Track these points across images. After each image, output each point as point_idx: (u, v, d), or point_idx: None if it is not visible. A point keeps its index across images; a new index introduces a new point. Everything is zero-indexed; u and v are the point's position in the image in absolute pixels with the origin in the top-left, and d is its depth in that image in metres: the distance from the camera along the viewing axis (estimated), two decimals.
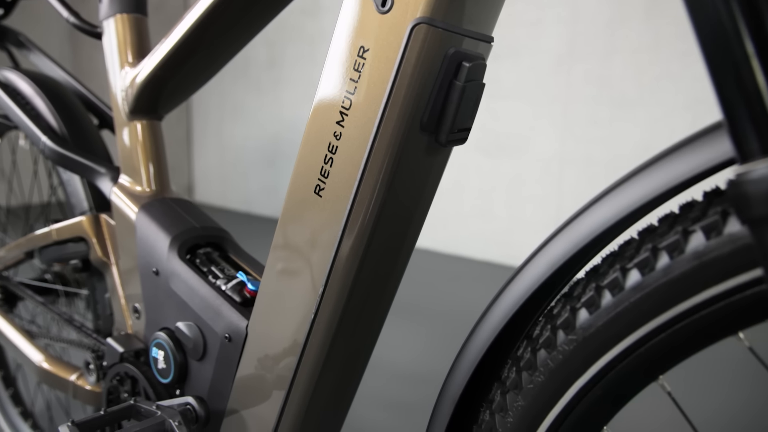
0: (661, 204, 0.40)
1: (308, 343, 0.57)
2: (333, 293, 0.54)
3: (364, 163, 0.50)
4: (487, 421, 0.48)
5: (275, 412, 0.61)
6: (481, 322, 0.49)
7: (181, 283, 0.69)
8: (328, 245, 0.53)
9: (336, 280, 0.54)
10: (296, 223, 0.55)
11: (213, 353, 0.66)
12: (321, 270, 0.54)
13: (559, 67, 2.56)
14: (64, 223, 0.85)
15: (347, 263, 0.53)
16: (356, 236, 0.52)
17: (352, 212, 0.52)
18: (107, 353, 0.77)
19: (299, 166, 0.54)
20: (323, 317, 0.55)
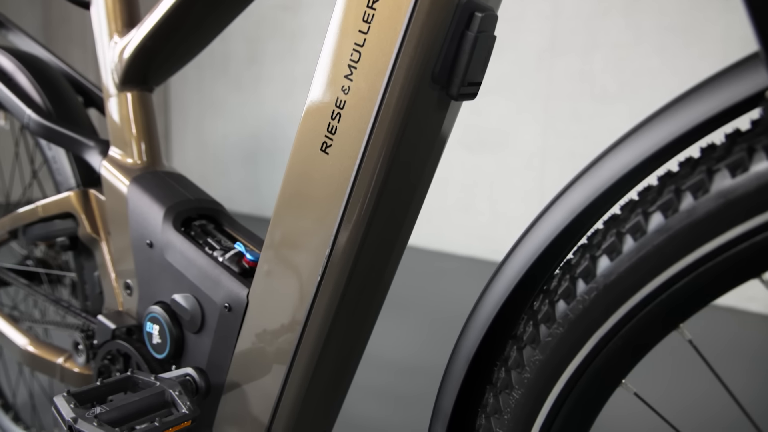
0: (690, 144, 0.40)
1: (314, 306, 0.55)
2: (340, 254, 0.53)
3: (374, 117, 0.49)
4: (503, 378, 0.47)
5: (278, 384, 0.59)
6: (497, 277, 0.48)
7: (177, 254, 0.67)
8: (335, 204, 0.52)
9: (343, 240, 0.52)
10: (301, 182, 0.54)
11: (211, 324, 0.64)
12: (327, 230, 0.53)
13: (541, 63, 2.58)
14: (50, 199, 0.82)
15: (355, 223, 0.52)
16: (364, 194, 0.51)
17: (360, 169, 0.50)
18: (98, 331, 0.74)
19: (304, 124, 0.53)
20: (330, 278, 0.54)
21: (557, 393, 0.45)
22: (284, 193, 0.55)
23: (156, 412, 0.56)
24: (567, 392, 0.45)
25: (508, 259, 0.48)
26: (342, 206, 0.51)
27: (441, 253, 2.90)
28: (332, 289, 0.54)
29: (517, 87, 2.64)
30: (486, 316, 0.48)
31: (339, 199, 0.52)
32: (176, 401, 0.56)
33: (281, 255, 0.56)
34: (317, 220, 0.53)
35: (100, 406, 0.53)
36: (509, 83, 2.64)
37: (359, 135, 0.50)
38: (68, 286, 1.06)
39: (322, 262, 0.54)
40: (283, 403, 0.59)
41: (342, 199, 0.51)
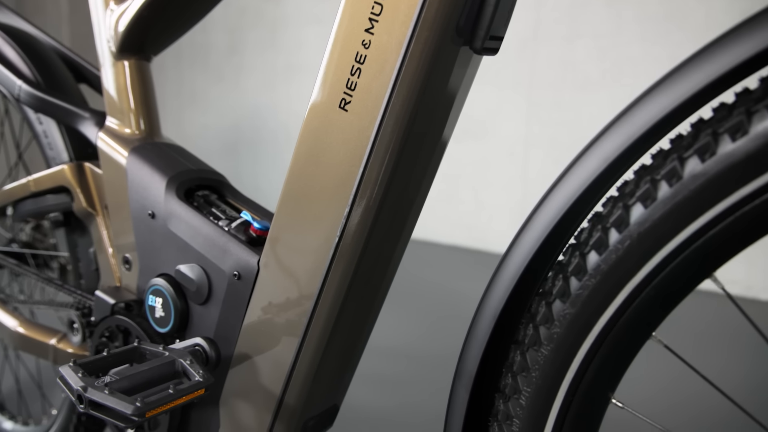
0: (720, 92, 0.40)
1: (330, 270, 0.53)
2: (359, 214, 0.52)
3: (397, 72, 0.48)
4: (531, 335, 0.47)
5: (290, 354, 0.58)
6: (522, 234, 0.48)
7: (181, 224, 0.65)
8: (355, 163, 0.51)
9: (363, 200, 0.51)
10: (318, 141, 0.52)
11: (219, 294, 0.62)
12: (346, 190, 0.51)
13: (524, 51, 2.59)
14: (43, 172, 0.79)
15: (375, 181, 0.50)
16: (385, 151, 0.50)
17: (382, 126, 0.49)
18: (96, 308, 0.71)
19: (321, 81, 0.51)
20: (348, 240, 0.52)
21: (588, 347, 0.44)
22: (299, 154, 0.54)
23: (167, 382, 0.54)
24: (597, 346, 0.44)
25: (532, 217, 0.47)
26: (362, 164, 0.50)
27: (424, 242, 2.90)
28: (350, 252, 0.53)
29: (500, 75, 2.65)
30: (512, 273, 0.48)
31: (358, 158, 0.50)
32: (188, 370, 0.54)
33: (296, 218, 0.55)
34: (335, 180, 0.52)
35: (109, 376, 0.51)
36: (492, 71, 2.65)
37: (381, 90, 0.48)
38: (56, 269, 1.02)
39: (340, 224, 0.52)
40: (296, 374, 0.58)
41: (362, 157, 0.50)
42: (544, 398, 0.46)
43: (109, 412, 0.47)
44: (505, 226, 2.74)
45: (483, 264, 2.62)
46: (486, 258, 2.72)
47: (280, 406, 0.59)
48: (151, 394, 0.51)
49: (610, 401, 0.47)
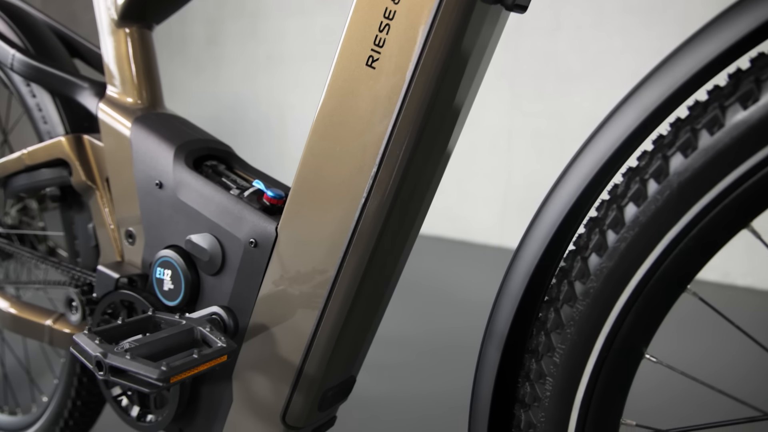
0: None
1: (356, 233, 0.52)
2: (386, 177, 0.50)
3: (429, 27, 0.47)
4: (566, 291, 0.46)
5: (311, 323, 0.56)
6: (555, 192, 0.47)
7: (192, 192, 0.63)
8: (383, 121, 0.49)
9: (391, 159, 0.50)
10: (343, 101, 0.51)
11: (233, 263, 0.60)
12: (373, 149, 0.50)
13: (506, 43, 2.60)
14: (38, 145, 0.75)
15: (403, 142, 0.49)
16: (416, 109, 0.49)
17: (412, 84, 0.48)
18: (98, 283, 0.69)
19: (347, 38, 0.50)
20: (376, 201, 0.51)
21: (624, 301, 0.44)
22: (323, 115, 0.52)
23: (187, 350, 0.52)
24: (633, 300, 0.44)
25: (567, 171, 0.47)
26: (391, 123, 0.49)
27: None
28: (376, 215, 0.51)
29: None
30: (546, 229, 0.47)
31: (387, 116, 0.49)
32: (208, 337, 0.52)
33: (318, 180, 0.53)
34: (362, 139, 0.51)
35: (127, 342, 0.49)
36: None
37: (410, 46, 0.47)
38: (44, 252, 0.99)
39: (366, 185, 0.51)
40: (317, 343, 0.57)
41: (390, 116, 0.49)
42: (579, 355, 0.46)
43: (131, 377, 0.46)
44: (489, 217, 2.76)
45: (467, 255, 2.63)
46: (470, 249, 2.73)
47: (299, 377, 0.58)
48: (174, 360, 0.49)
49: (643, 356, 0.46)
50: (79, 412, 0.87)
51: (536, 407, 0.49)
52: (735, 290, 2.26)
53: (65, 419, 0.87)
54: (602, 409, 0.47)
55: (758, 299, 2.17)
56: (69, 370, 0.84)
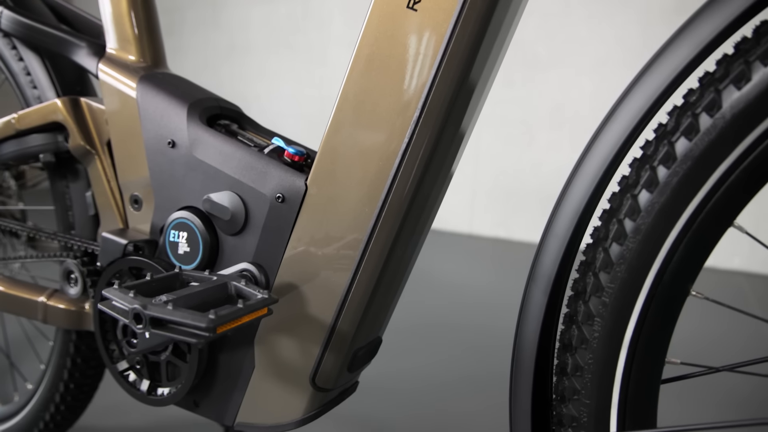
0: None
1: (396, 181, 0.51)
2: (429, 125, 0.49)
3: None
4: (615, 229, 0.46)
5: (345, 280, 0.54)
6: (604, 129, 0.47)
7: (210, 150, 0.60)
8: (426, 63, 0.48)
9: (435, 105, 0.49)
10: (382, 44, 0.50)
11: (257, 221, 0.58)
12: (414, 94, 0.49)
13: None
14: (30, 108, 0.71)
15: (448, 87, 0.48)
16: (462, 53, 0.48)
17: (458, 25, 0.47)
18: (103, 251, 0.65)
19: None
20: (417, 149, 0.50)
21: (674, 237, 0.45)
22: (358, 60, 0.51)
23: (223, 305, 0.50)
24: (683, 235, 0.44)
25: (614, 112, 0.47)
26: (435, 64, 0.48)
27: None
28: (417, 161, 0.50)
29: None
30: (595, 168, 0.47)
31: (431, 57, 0.48)
32: (244, 291, 0.50)
33: (354, 130, 0.52)
34: (403, 84, 0.49)
35: (165, 295, 0.46)
36: None
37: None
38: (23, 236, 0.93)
39: (406, 134, 0.50)
40: (351, 299, 0.55)
41: (435, 57, 0.48)
42: (629, 293, 0.46)
43: (174, 329, 0.43)
44: (458, 204, 2.78)
45: (434, 242, 2.64)
46: (438, 236, 2.74)
47: (330, 336, 0.56)
48: (219, 310, 0.46)
49: (689, 293, 0.47)
50: (71, 395, 0.82)
51: (583, 350, 0.49)
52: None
53: (56, 404, 0.83)
54: (649, 348, 0.47)
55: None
56: (61, 351, 0.80)
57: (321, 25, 2.99)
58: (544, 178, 2.58)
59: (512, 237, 2.71)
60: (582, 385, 0.49)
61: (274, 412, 0.61)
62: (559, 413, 0.51)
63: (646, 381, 0.48)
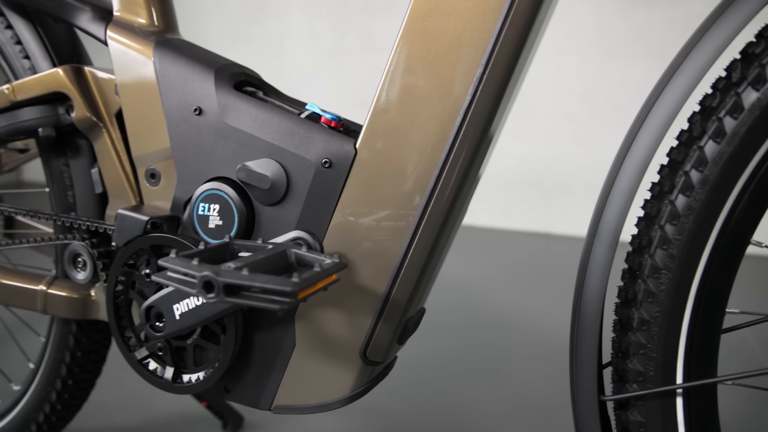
0: None
1: (455, 145, 0.49)
2: (494, 78, 0.48)
3: None
4: (683, 181, 0.47)
5: (400, 245, 0.52)
6: (671, 83, 0.47)
7: (244, 115, 0.57)
8: (489, 18, 0.47)
9: (499, 60, 0.48)
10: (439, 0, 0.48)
11: (300, 189, 0.55)
12: (478, 49, 0.48)
13: None
14: (28, 78, 0.65)
15: (515, 38, 0.47)
16: (527, 4, 0.47)
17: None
18: (118, 230, 0.60)
19: None
20: (477, 110, 0.49)
21: (740, 186, 0.45)
22: (414, 18, 0.49)
23: (285, 273, 0.47)
24: (749, 184, 0.45)
25: (683, 63, 0.47)
26: (500, 20, 0.47)
27: None
28: (475, 130, 0.49)
29: None
30: (662, 122, 0.47)
31: (494, 13, 0.47)
32: (306, 258, 0.47)
33: (410, 88, 0.50)
34: (464, 39, 0.48)
35: (232, 262, 0.43)
36: None
37: None
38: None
39: (471, 87, 0.48)
40: (407, 268, 0.53)
41: (499, 12, 0.47)
42: (696, 243, 0.47)
43: (252, 296, 0.40)
44: None
45: None
46: None
47: (385, 306, 0.54)
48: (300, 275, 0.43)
49: (750, 242, 0.48)
50: (69, 393, 0.76)
51: (649, 303, 0.49)
52: None
53: (52, 404, 0.76)
54: (713, 298, 0.48)
55: None
56: (58, 345, 0.73)
57: (278, 14, 2.93)
58: (505, 165, 2.62)
59: (476, 223, 2.75)
60: (648, 339, 0.49)
61: (317, 391, 0.58)
62: (622, 369, 0.51)
63: (710, 331, 0.49)
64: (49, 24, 0.70)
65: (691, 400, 0.49)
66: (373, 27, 2.67)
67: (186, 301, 0.56)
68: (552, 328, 1.55)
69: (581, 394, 0.52)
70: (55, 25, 0.71)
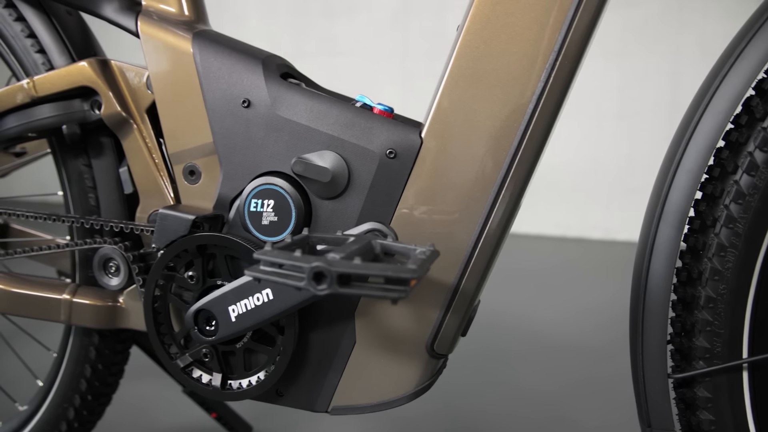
0: None
1: (531, 125, 0.50)
2: (566, 65, 0.48)
3: None
4: (748, 162, 0.48)
5: (471, 234, 0.52)
6: (733, 69, 0.49)
7: (299, 107, 0.55)
8: (564, 3, 0.48)
9: (573, 46, 0.48)
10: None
11: (363, 181, 0.54)
12: (550, 37, 0.48)
13: (396, 24, 2.65)
14: (51, 72, 0.60)
15: (587, 25, 0.48)
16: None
17: None
18: (160, 231, 0.57)
19: None
20: (552, 95, 0.49)
21: None
22: (482, 4, 0.49)
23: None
24: None
25: (737, 59, 0.49)
26: (574, 4, 0.48)
27: None
28: (552, 106, 0.49)
29: (374, 47, 2.68)
30: (727, 105, 0.49)
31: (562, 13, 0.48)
32: (394, 248, 0.46)
33: (479, 76, 0.50)
34: (536, 27, 0.48)
35: (331, 254, 0.41)
36: (365, 44, 2.67)
37: None
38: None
39: (543, 74, 0.49)
40: (477, 258, 0.52)
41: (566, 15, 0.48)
42: (762, 221, 0.49)
43: (367, 286, 0.38)
44: None
45: None
46: None
47: (454, 297, 0.53)
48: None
49: None
50: (87, 409, 0.71)
51: (716, 281, 0.51)
52: (617, 244, 2.55)
53: (69, 422, 0.71)
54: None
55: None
56: (77, 359, 0.68)
57: (236, 20, 2.87)
58: None
59: None
60: (714, 316, 0.51)
61: (379, 389, 0.57)
62: (686, 347, 0.53)
63: None
64: (63, 16, 0.66)
65: (755, 374, 0.51)
66: (334, 31, 2.67)
67: (244, 301, 0.53)
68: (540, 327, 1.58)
69: (650, 373, 0.53)
70: (68, 17, 0.67)
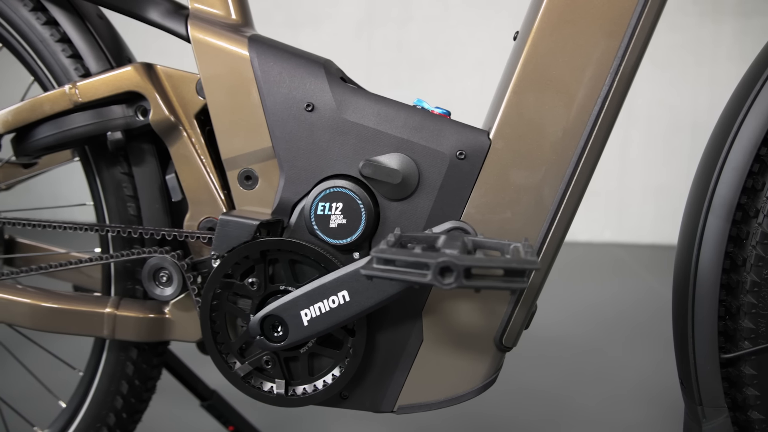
0: None
1: (599, 121, 0.52)
2: (630, 66, 0.51)
3: None
4: None
5: (539, 228, 0.54)
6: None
7: (366, 110, 0.56)
8: (628, 8, 0.51)
9: (638, 43, 0.51)
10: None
11: (433, 182, 0.55)
12: (614, 41, 0.51)
13: (360, 33, 2.67)
14: (96, 77, 0.58)
15: (651, 23, 0.51)
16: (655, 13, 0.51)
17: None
18: (220, 237, 0.56)
19: None
20: (617, 94, 0.52)
21: None
22: (549, 12, 0.52)
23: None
24: None
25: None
26: (639, 5, 0.50)
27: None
28: (616, 104, 0.52)
29: (338, 57, 2.69)
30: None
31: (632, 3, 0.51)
32: (487, 243, 0.47)
33: (547, 78, 0.52)
34: (600, 31, 0.51)
35: (447, 248, 0.42)
36: (329, 54, 2.67)
37: None
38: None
39: (608, 76, 0.52)
40: (545, 253, 0.54)
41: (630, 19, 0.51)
42: None
43: (491, 277, 0.40)
44: None
45: None
46: None
47: (523, 291, 0.55)
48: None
49: None
50: (121, 427, 0.68)
51: (760, 267, 0.55)
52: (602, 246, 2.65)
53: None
54: None
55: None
56: (112, 375, 0.65)
57: None
58: None
59: None
60: (759, 299, 0.55)
61: (447, 385, 0.58)
62: (732, 329, 0.57)
63: None
64: (95, 19, 0.64)
65: None
66: (298, 40, 2.66)
67: (318, 305, 0.53)
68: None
69: (702, 355, 0.57)
70: (99, 21, 0.65)
